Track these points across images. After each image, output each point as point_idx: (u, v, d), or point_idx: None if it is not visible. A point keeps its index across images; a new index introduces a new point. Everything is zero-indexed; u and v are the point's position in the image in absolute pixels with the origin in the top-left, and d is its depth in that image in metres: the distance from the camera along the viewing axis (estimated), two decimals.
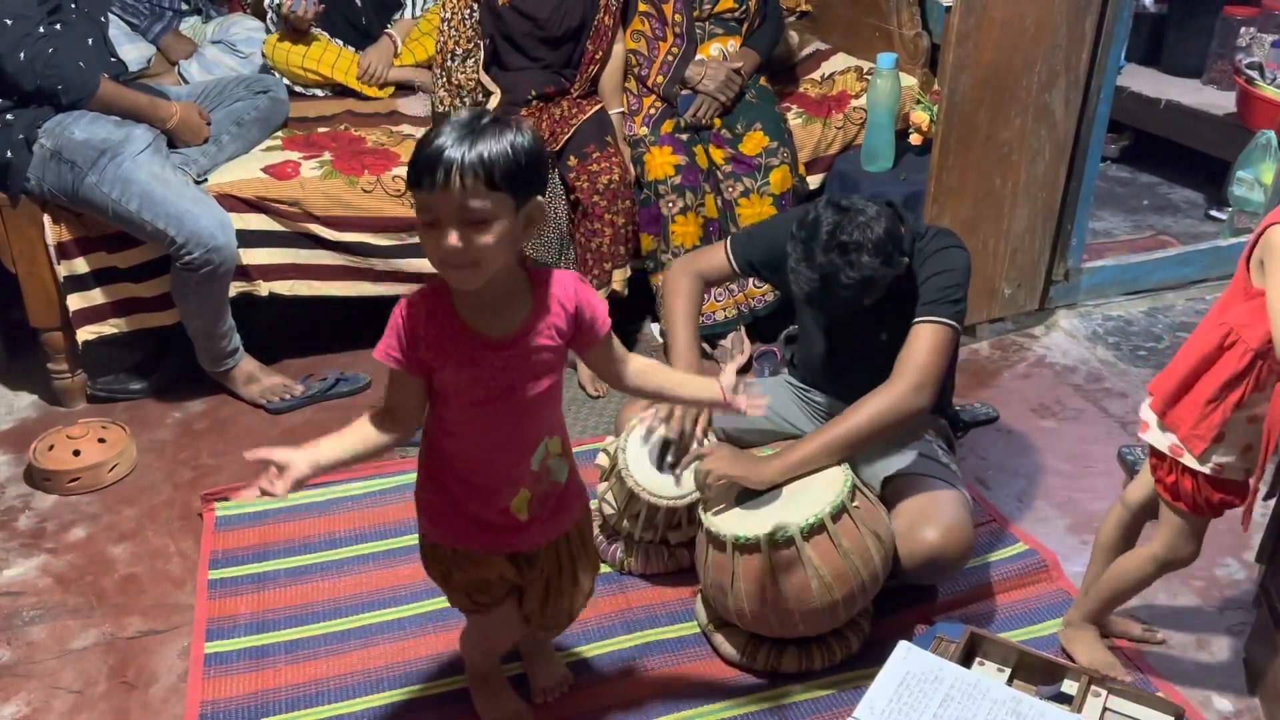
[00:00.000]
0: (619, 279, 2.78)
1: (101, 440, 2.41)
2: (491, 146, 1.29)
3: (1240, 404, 1.56)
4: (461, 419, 1.45)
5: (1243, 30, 3.99)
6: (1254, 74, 3.67)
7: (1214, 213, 3.76)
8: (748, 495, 1.90)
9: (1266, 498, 1.76)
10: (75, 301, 2.57)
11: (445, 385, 1.43)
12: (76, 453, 2.37)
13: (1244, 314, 1.54)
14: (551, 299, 1.44)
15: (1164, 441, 1.66)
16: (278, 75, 3.13)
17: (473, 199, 1.28)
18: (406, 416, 1.46)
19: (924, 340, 1.86)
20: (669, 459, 2.00)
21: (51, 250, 2.52)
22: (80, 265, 2.56)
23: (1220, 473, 1.61)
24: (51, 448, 2.39)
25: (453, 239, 1.30)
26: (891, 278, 1.84)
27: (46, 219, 2.49)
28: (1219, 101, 3.91)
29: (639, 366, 1.59)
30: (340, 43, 3.20)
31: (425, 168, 1.28)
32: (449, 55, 2.84)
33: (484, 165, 1.28)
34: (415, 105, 3.15)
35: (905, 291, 1.92)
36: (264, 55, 3.15)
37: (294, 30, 3.08)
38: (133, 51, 3.05)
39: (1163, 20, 4.29)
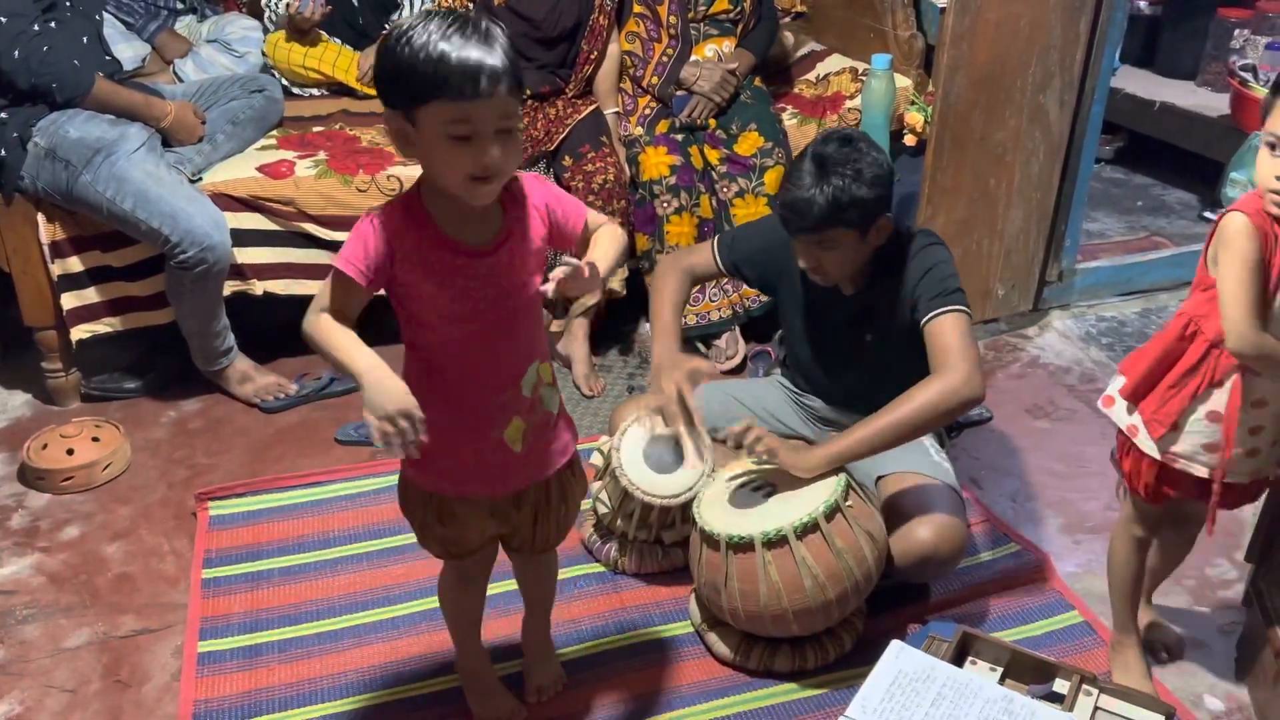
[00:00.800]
0: (617, 279, 2.78)
1: (95, 439, 2.41)
2: (507, 47, 1.24)
3: (1197, 395, 1.58)
4: (447, 341, 1.41)
5: (1237, 32, 4.00)
6: (1247, 76, 3.68)
7: (1208, 214, 3.77)
8: (742, 494, 1.90)
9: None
10: (69, 300, 2.57)
11: (425, 304, 1.39)
12: (70, 451, 2.37)
13: (1200, 304, 1.57)
14: (523, 201, 1.41)
15: (1124, 421, 1.68)
16: (277, 74, 3.13)
17: (510, 106, 1.25)
18: (344, 322, 1.41)
19: (952, 330, 1.83)
20: (667, 445, 1.99)
21: (46, 249, 2.51)
22: (74, 264, 2.56)
23: (1172, 462, 1.63)
24: (45, 446, 2.39)
25: (496, 151, 1.26)
26: (870, 214, 1.81)
27: (41, 218, 2.49)
28: (1213, 103, 3.92)
29: (595, 236, 1.51)
30: (339, 41, 3.21)
31: (468, 77, 1.20)
32: None
33: (514, 69, 1.24)
34: None
35: (891, 289, 1.92)
36: (264, 54, 3.15)
37: (297, 30, 3.08)
38: (128, 50, 3.04)
39: (1157, 22, 4.30)
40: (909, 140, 3.05)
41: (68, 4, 2.49)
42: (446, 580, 1.70)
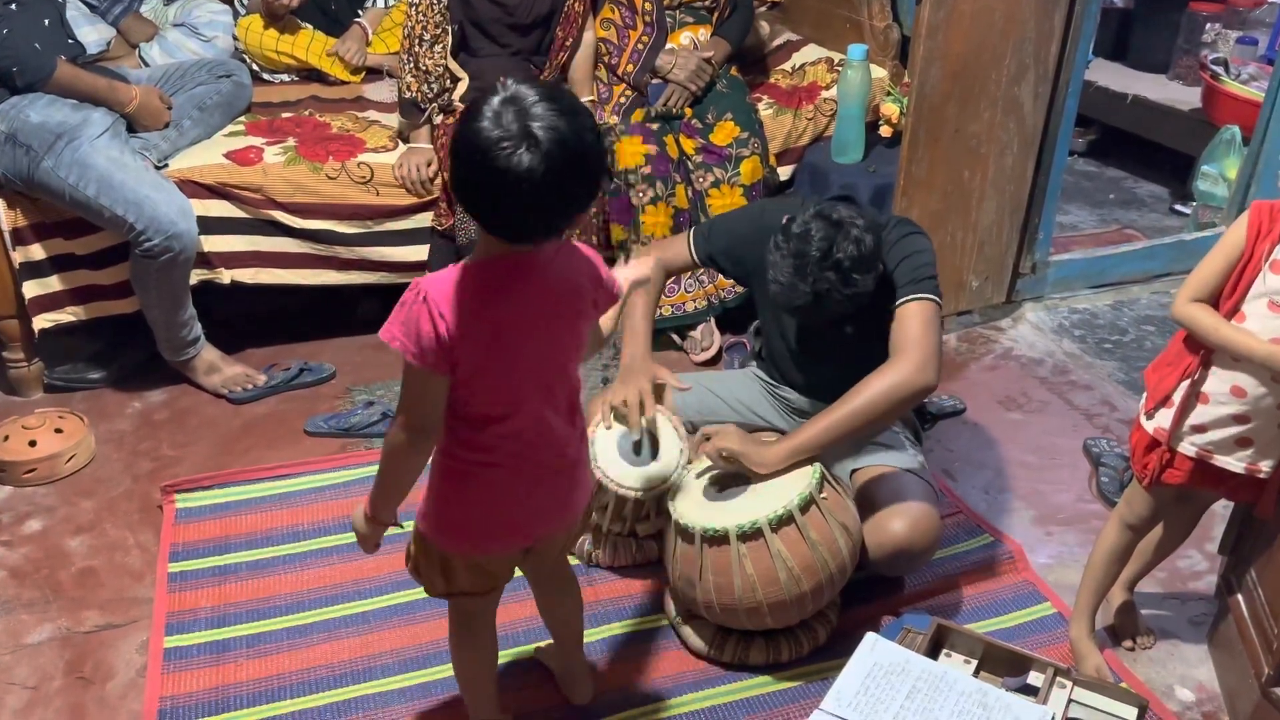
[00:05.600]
0: None
1: (59, 430, 2.36)
2: None
3: (1188, 374, 1.62)
4: None
5: (1208, 26, 4.03)
6: (1219, 69, 3.71)
7: (1179, 207, 3.80)
8: (716, 487, 1.89)
9: None
10: (32, 289, 2.52)
11: None
12: (33, 443, 2.32)
13: None
14: None
15: (1150, 426, 1.72)
16: (248, 58, 3.09)
17: None
18: None
19: (914, 318, 1.83)
20: (641, 438, 1.97)
21: (7, 236, 2.46)
22: (37, 251, 2.51)
23: (1161, 436, 1.67)
24: (6, 438, 2.34)
25: None
26: (861, 292, 1.80)
27: (1, 204, 2.44)
28: (1184, 97, 3.95)
29: None
30: (310, 27, 3.17)
31: None
32: (416, 41, 2.80)
33: None
34: (381, 91, 3.12)
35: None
36: (235, 38, 3.11)
37: (272, 16, 3.05)
38: (92, 33, 2.98)
39: (1129, 15, 4.33)
40: (884, 131, 3.05)
41: None
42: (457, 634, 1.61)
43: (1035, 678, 1.65)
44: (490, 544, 1.48)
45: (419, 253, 2.74)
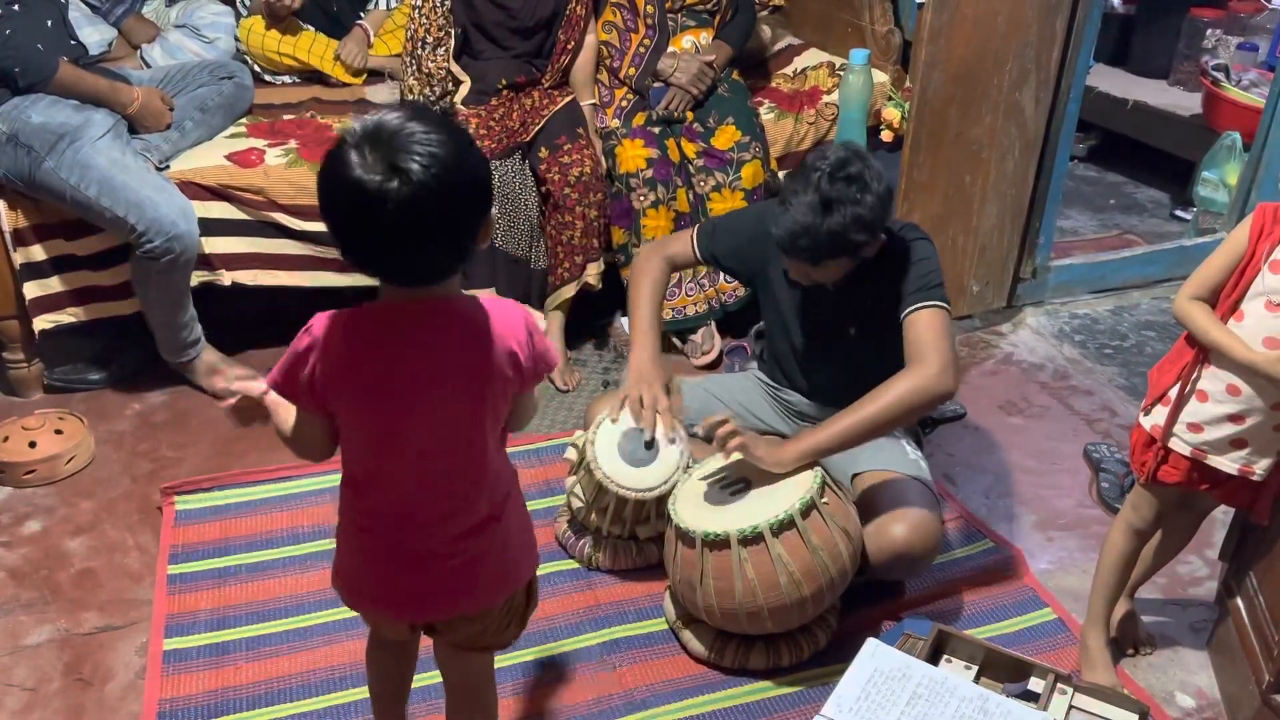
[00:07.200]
0: (594, 272, 2.76)
1: (58, 431, 2.36)
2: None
3: (1185, 374, 1.62)
4: None
5: (1209, 32, 4.04)
6: (1220, 75, 3.71)
7: (1179, 213, 3.80)
8: (717, 491, 1.89)
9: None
10: (32, 289, 2.52)
11: None
12: (32, 444, 2.32)
13: None
14: None
15: (1149, 422, 1.73)
16: (250, 60, 3.09)
17: None
18: None
19: (929, 325, 1.83)
20: (645, 437, 1.97)
21: (8, 237, 2.46)
22: (37, 252, 2.51)
23: (1156, 433, 1.67)
24: (6, 439, 2.34)
25: None
26: (867, 245, 1.80)
27: (2, 205, 2.44)
28: (1185, 102, 3.95)
29: None
30: (312, 29, 3.17)
31: None
32: (419, 43, 2.81)
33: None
34: (383, 93, 3.11)
35: (875, 284, 1.91)
36: (237, 38, 3.11)
37: (274, 18, 3.05)
38: (93, 34, 2.98)
39: (1130, 21, 4.33)
40: (886, 136, 3.05)
41: None
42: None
43: (1036, 684, 1.65)
44: (358, 602, 1.40)
45: None
